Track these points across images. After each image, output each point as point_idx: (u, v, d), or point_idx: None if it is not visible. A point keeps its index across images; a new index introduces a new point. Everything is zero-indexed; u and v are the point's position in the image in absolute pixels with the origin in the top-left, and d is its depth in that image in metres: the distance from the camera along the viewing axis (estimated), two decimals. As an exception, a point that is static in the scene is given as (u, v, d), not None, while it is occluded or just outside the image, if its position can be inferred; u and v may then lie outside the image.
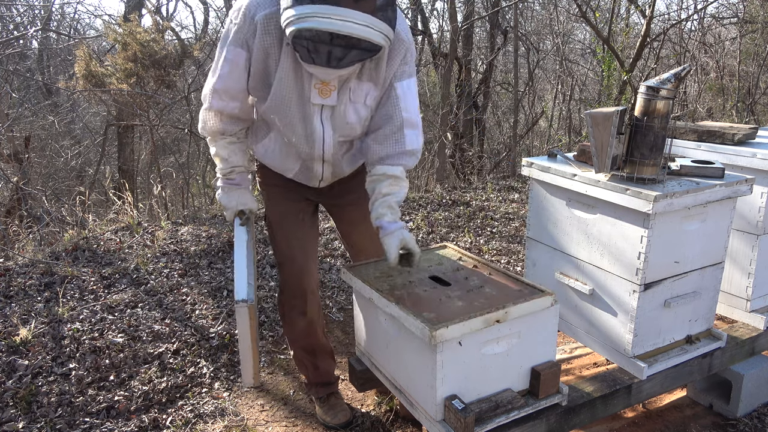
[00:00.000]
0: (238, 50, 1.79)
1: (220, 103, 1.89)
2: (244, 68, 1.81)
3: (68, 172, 7.82)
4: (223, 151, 1.98)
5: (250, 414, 2.46)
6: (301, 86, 1.80)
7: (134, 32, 5.56)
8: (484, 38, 9.09)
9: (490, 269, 2.02)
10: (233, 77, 1.83)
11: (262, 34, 1.73)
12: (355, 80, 1.82)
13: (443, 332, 1.61)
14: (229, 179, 2.02)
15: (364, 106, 1.88)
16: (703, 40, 8.98)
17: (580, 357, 2.58)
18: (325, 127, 1.89)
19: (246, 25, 1.74)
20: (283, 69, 1.77)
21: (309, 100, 1.82)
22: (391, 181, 1.91)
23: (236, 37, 1.77)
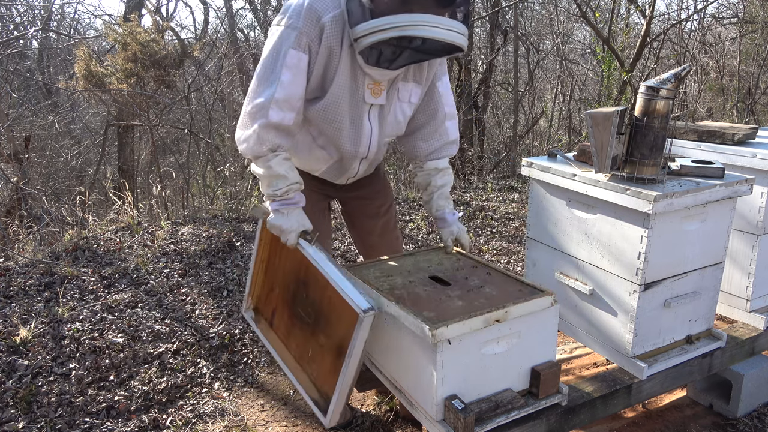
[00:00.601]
0: (300, 54, 1.71)
1: (279, 115, 1.75)
2: (305, 72, 1.75)
3: (68, 172, 7.82)
4: (280, 167, 1.81)
5: (250, 414, 2.46)
6: (355, 86, 1.82)
7: (134, 32, 5.56)
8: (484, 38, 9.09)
9: (490, 269, 2.02)
10: (296, 83, 1.74)
11: (330, 35, 1.71)
12: (401, 81, 1.89)
13: (443, 331, 1.61)
14: (286, 199, 1.86)
15: (409, 105, 1.96)
16: (703, 40, 8.98)
17: (580, 357, 2.58)
18: (373, 126, 1.93)
19: (310, 27, 1.69)
20: (343, 70, 1.78)
21: (363, 99, 1.85)
22: (442, 173, 2.10)
23: (298, 41, 1.70)
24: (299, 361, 2.02)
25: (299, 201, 1.89)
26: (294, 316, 2.05)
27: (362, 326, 1.70)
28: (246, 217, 4.66)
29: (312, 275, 1.92)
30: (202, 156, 7.22)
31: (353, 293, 1.75)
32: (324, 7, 1.69)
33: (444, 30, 1.59)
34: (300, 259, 1.94)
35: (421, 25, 1.57)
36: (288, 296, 2.08)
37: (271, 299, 2.19)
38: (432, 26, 1.58)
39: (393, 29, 1.58)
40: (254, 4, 9.97)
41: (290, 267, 2.05)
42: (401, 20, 1.57)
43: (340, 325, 1.82)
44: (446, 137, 2.07)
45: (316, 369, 1.94)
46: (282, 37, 1.72)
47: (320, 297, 1.91)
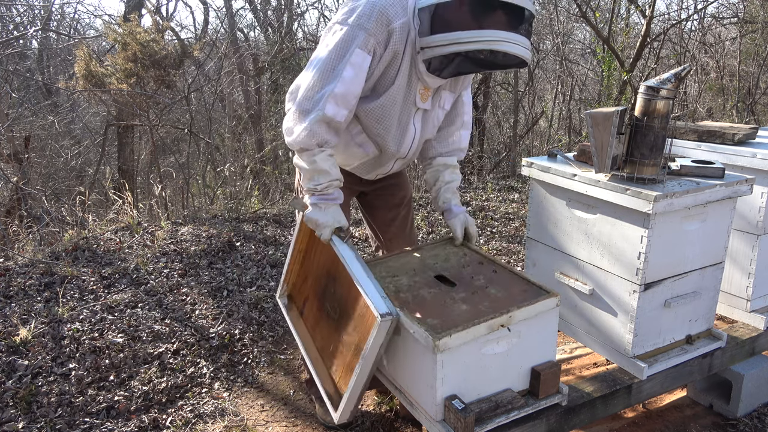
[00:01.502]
0: (365, 55, 1.76)
1: (335, 110, 1.79)
2: (365, 73, 1.80)
3: (68, 172, 7.81)
4: (325, 163, 1.85)
5: (250, 414, 2.46)
6: (409, 91, 1.91)
7: (134, 32, 5.55)
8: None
9: (496, 266, 2.02)
10: (356, 82, 1.79)
11: (397, 41, 1.77)
12: (443, 88, 1.99)
13: (446, 341, 1.61)
14: (326, 195, 1.90)
15: (443, 111, 2.07)
16: (703, 40, 8.98)
17: (580, 357, 2.58)
18: (417, 128, 2.02)
19: (380, 31, 1.75)
20: (402, 74, 1.85)
21: (413, 103, 1.94)
22: (451, 169, 2.18)
23: (366, 42, 1.75)
24: (321, 354, 2.05)
25: (338, 197, 1.93)
26: (322, 309, 2.09)
27: (378, 330, 1.71)
28: (246, 217, 4.66)
29: (341, 272, 1.95)
30: (202, 156, 7.22)
31: (374, 296, 1.76)
32: (395, 13, 1.76)
33: (519, 46, 1.70)
34: (333, 254, 1.97)
35: (501, 41, 1.68)
36: (319, 289, 2.12)
37: (304, 289, 2.22)
38: (510, 42, 1.69)
39: (475, 43, 1.68)
40: (254, 4, 9.96)
41: (324, 260, 2.09)
42: (483, 35, 1.68)
43: (362, 326, 1.83)
44: (458, 144, 2.18)
45: (336, 364, 1.96)
46: (349, 35, 1.77)
47: (346, 295, 1.94)
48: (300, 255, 2.23)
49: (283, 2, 9.65)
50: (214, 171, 6.99)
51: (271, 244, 4.10)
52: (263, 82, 8.59)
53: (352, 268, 1.84)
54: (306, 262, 2.22)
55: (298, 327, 2.18)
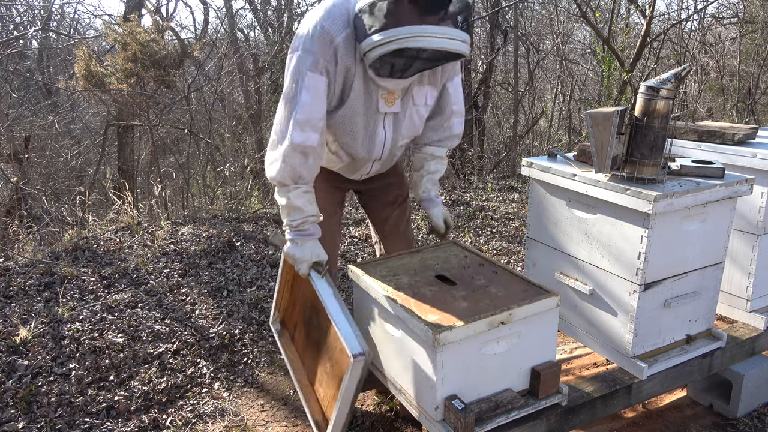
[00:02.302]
0: (317, 77, 1.77)
1: (302, 136, 1.80)
2: (324, 94, 1.81)
3: (68, 172, 7.81)
4: (299, 200, 1.88)
5: (250, 414, 2.46)
6: (369, 98, 1.89)
7: (134, 32, 5.55)
8: (484, 38, 9.09)
9: (497, 267, 2.02)
10: (316, 104, 1.80)
11: (344, 55, 1.77)
12: (416, 86, 1.94)
13: (447, 335, 1.61)
14: (302, 230, 1.93)
15: (425, 107, 2.03)
16: (703, 40, 8.98)
17: (580, 357, 2.58)
18: (387, 132, 2.00)
19: (324, 49, 1.75)
20: (357, 84, 1.84)
21: (377, 110, 1.92)
22: (437, 160, 2.20)
23: (315, 64, 1.76)
24: (310, 378, 2.08)
25: (314, 233, 1.95)
26: (309, 338, 2.13)
27: (353, 370, 1.72)
28: (246, 217, 4.65)
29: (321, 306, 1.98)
30: (202, 156, 7.21)
31: (348, 335, 1.77)
32: (336, 28, 1.74)
33: (441, 39, 1.64)
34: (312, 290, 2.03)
35: (419, 36, 1.63)
36: (305, 318, 2.16)
37: (294, 315, 2.27)
38: (429, 36, 1.63)
39: (393, 42, 1.64)
40: (254, 4, 9.96)
41: (307, 293, 2.13)
42: (400, 33, 1.63)
43: (340, 361, 1.88)
44: (450, 131, 2.17)
45: (323, 391, 2.00)
46: (299, 61, 1.78)
47: (327, 328, 1.99)
48: (288, 284, 2.28)
49: (283, 2, 9.65)
50: (214, 171, 6.99)
51: (271, 244, 4.10)
52: (263, 82, 8.58)
53: (328, 305, 1.89)
54: (294, 290, 2.27)
55: (290, 351, 2.21)
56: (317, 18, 1.76)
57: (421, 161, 2.21)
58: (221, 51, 8.17)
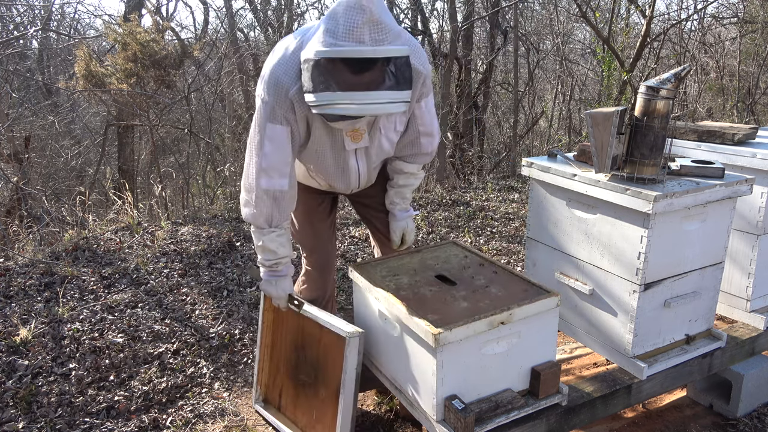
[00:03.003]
0: (276, 127, 1.79)
1: (269, 182, 1.85)
2: (287, 141, 1.82)
3: (68, 172, 7.81)
4: (272, 244, 1.94)
5: (250, 414, 2.46)
6: (333, 138, 1.90)
7: (134, 32, 5.55)
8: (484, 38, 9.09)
9: (497, 267, 2.02)
10: (279, 153, 1.82)
11: (300, 105, 1.77)
12: (383, 117, 1.91)
13: (446, 335, 1.61)
14: (275, 271, 2.02)
15: (395, 133, 2.02)
16: (703, 40, 8.98)
17: (580, 357, 2.57)
18: (360, 164, 2.02)
19: (281, 101, 1.77)
20: (318, 128, 1.86)
21: (343, 148, 1.93)
22: (406, 175, 2.17)
23: (273, 114, 1.78)
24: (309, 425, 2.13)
25: (286, 273, 2.04)
26: (298, 386, 2.19)
27: (350, 348, 1.87)
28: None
29: (307, 334, 2.11)
30: (202, 156, 7.21)
31: (339, 322, 1.95)
32: (289, 79, 1.75)
33: (363, 105, 1.61)
34: (296, 325, 2.16)
35: (341, 104, 1.61)
36: (291, 369, 2.23)
37: (277, 382, 2.32)
38: (351, 104, 1.60)
39: (322, 106, 1.64)
40: (254, 4, 9.96)
41: (290, 338, 2.22)
42: (325, 99, 1.62)
43: (336, 366, 1.95)
44: (419, 149, 2.10)
45: (321, 428, 2.05)
46: (260, 111, 1.82)
47: (316, 350, 2.08)
48: (268, 349, 2.34)
49: (283, 2, 9.65)
50: (214, 171, 6.99)
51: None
52: (263, 82, 8.57)
53: (312, 311, 2.05)
54: (275, 353, 2.32)
55: (281, 421, 2.26)
56: (274, 67, 1.77)
57: (391, 173, 2.20)
58: (221, 51, 8.17)
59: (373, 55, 1.57)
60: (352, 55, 1.56)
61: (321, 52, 1.58)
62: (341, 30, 1.56)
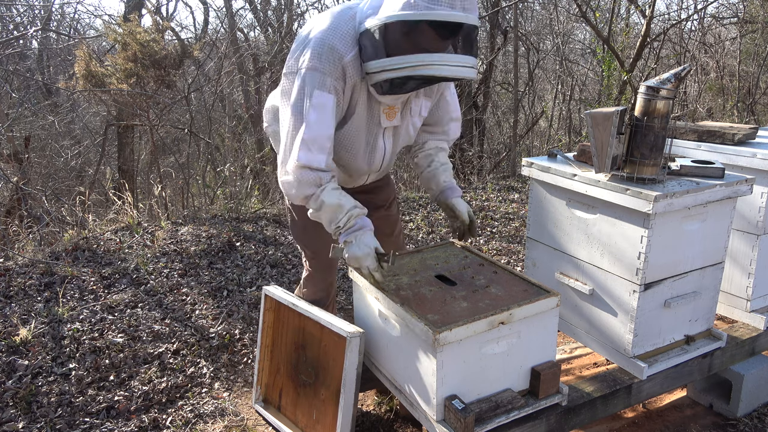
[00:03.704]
0: (325, 95, 1.75)
1: (308, 156, 1.76)
2: (332, 112, 1.78)
3: (68, 172, 7.80)
4: (332, 197, 1.80)
5: (250, 414, 2.46)
6: (372, 113, 1.90)
7: (134, 32, 5.55)
8: (484, 38, 9.09)
9: (497, 267, 2.02)
10: (324, 124, 1.76)
11: (353, 74, 1.76)
12: (414, 99, 1.95)
13: (446, 335, 1.61)
14: (350, 227, 1.83)
15: (419, 118, 2.04)
16: (703, 40, 8.97)
17: (580, 357, 2.58)
18: (387, 145, 2.01)
19: (333, 68, 1.74)
20: (362, 102, 1.85)
21: (378, 124, 1.93)
22: (444, 153, 2.19)
23: (322, 82, 1.74)
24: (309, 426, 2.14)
25: (365, 225, 1.84)
26: (298, 386, 2.19)
27: (351, 348, 1.88)
28: (246, 217, 4.65)
29: (308, 334, 2.12)
30: (202, 156, 7.21)
31: (339, 322, 1.96)
32: (345, 47, 1.74)
33: (453, 67, 1.65)
34: (297, 325, 2.16)
35: (432, 64, 1.64)
36: (291, 369, 2.23)
37: (277, 382, 2.32)
38: (442, 65, 1.64)
39: (406, 69, 1.65)
40: (254, 4, 9.96)
41: (291, 338, 2.22)
42: (413, 60, 1.64)
43: (336, 366, 1.96)
44: (449, 135, 2.20)
45: (321, 428, 2.06)
46: (305, 80, 1.75)
47: (317, 350, 2.08)
48: (268, 349, 2.34)
49: (283, 2, 9.64)
50: (214, 171, 6.98)
51: (271, 244, 4.10)
52: (263, 82, 8.58)
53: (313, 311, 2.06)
54: (275, 353, 2.32)
55: (281, 421, 2.26)
56: (326, 35, 1.74)
57: (428, 157, 2.18)
58: (221, 51, 8.17)
59: (465, 21, 1.62)
60: (450, 18, 1.60)
61: (414, 14, 1.60)
62: None
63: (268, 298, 2.27)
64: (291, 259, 3.90)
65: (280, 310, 2.25)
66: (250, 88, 8.84)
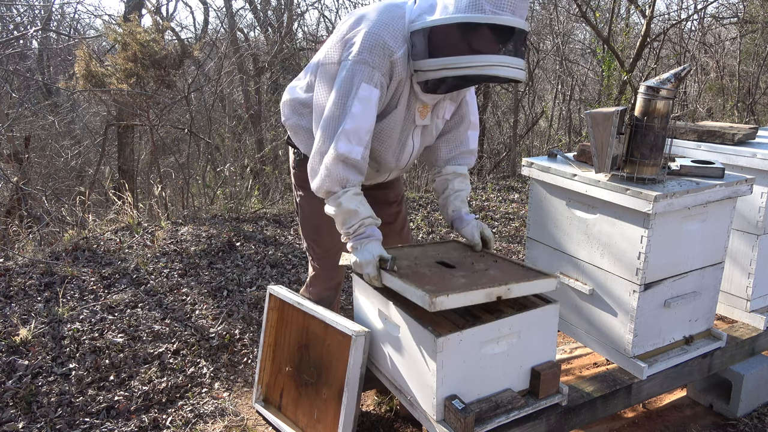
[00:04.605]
0: (371, 89, 1.77)
1: (348, 147, 1.77)
2: (376, 106, 1.80)
3: (68, 172, 7.80)
4: (351, 203, 1.82)
5: (250, 414, 2.46)
6: (409, 111, 1.92)
7: (134, 32, 5.55)
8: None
9: (497, 258, 2.03)
10: (366, 116, 1.78)
11: (400, 71, 1.79)
12: (441, 101, 1.98)
13: (443, 300, 1.59)
14: (359, 234, 1.86)
15: (442, 120, 2.07)
16: (703, 40, 8.97)
17: (580, 357, 2.57)
18: (415, 143, 2.04)
19: (382, 63, 1.76)
20: (403, 99, 1.87)
21: (413, 122, 1.95)
22: (461, 178, 2.16)
23: (371, 76, 1.76)
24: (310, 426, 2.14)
25: (372, 234, 1.86)
26: (300, 386, 2.19)
27: (356, 346, 1.89)
28: (246, 217, 4.65)
29: (312, 333, 2.12)
30: (202, 156, 7.21)
31: (344, 321, 1.97)
32: (396, 43, 1.76)
33: (509, 68, 1.70)
34: (300, 325, 2.16)
35: (493, 65, 1.68)
36: (293, 369, 2.23)
37: (279, 382, 2.32)
38: (502, 66, 1.69)
39: (467, 68, 1.69)
40: (254, 4, 9.96)
41: (294, 338, 2.22)
42: (473, 61, 1.68)
43: (340, 366, 1.97)
44: (466, 145, 2.15)
45: (322, 428, 2.07)
46: (353, 71, 1.77)
47: (320, 349, 2.08)
48: (270, 349, 2.34)
49: (283, 2, 9.64)
50: (214, 171, 6.98)
51: (271, 244, 4.10)
52: (263, 82, 8.58)
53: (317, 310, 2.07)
54: (277, 353, 2.32)
55: (282, 420, 2.26)
56: (379, 29, 1.76)
57: (444, 183, 2.17)
58: (221, 51, 8.17)
59: (521, 26, 1.68)
60: (511, 23, 1.66)
61: (481, 17, 1.64)
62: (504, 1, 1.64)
63: (272, 297, 2.27)
64: (291, 259, 3.90)
65: (284, 310, 2.25)
66: (250, 88, 8.83)
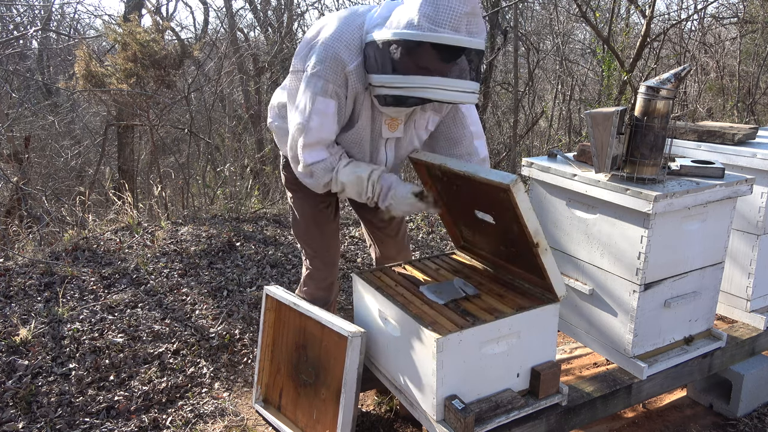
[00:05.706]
0: (327, 101, 1.78)
1: (313, 156, 1.84)
2: (335, 115, 1.81)
3: (68, 172, 7.80)
4: (348, 175, 1.86)
5: (250, 414, 2.46)
6: (373, 124, 1.91)
7: (134, 32, 5.54)
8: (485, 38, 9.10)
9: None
10: (325, 128, 1.81)
11: (355, 82, 1.78)
12: (419, 112, 1.95)
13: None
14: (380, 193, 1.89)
15: (425, 131, 2.03)
16: (703, 40, 8.97)
17: (580, 357, 2.57)
18: (389, 156, 2.02)
19: (336, 76, 1.76)
20: (366, 110, 1.86)
21: (380, 135, 1.93)
22: None
23: (324, 89, 1.76)
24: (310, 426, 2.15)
25: (390, 183, 1.88)
26: (299, 386, 2.20)
27: (352, 347, 1.89)
28: (246, 217, 4.65)
29: (309, 334, 2.13)
30: (202, 156, 7.21)
31: (340, 322, 1.98)
32: (349, 56, 1.75)
33: (451, 92, 1.67)
34: (297, 325, 2.17)
35: (429, 88, 1.66)
36: (292, 369, 2.23)
37: (278, 382, 2.32)
38: (439, 89, 1.65)
39: (403, 89, 1.66)
40: (254, 4, 9.95)
41: (292, 338, 2.22)
42: (412, 82, 1.65)
43: (337, 366, 1.97)
44: (477, 156, 2.12)
45: (321, 428, 2.07)
46: (309, 84, 1.79)
47: (317, 350, 2.09)
48: (268, 349, 2.34)
49: (283, 2, 9.64)
50: (214, 171, 6.98)
51: (271, 244, 4.10)
52: (263, 82, 8.58)
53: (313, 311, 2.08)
54: (276, 353, 2.33)
55: (281, 421, 2.27)
56: (332, 41, 1.75)
57: None
58: (221, 51, 8.17)
59: (468, 45, 1.62)
60: (453, 42, 1.59)
61: (417, 34, 1.59)
62: (442, 16, 1.58)
63: (269, 298, 2.28)
64: (291, 259, 3.90)
65: (281, 310, 2.25)
66: (250, 88, 8.84)
